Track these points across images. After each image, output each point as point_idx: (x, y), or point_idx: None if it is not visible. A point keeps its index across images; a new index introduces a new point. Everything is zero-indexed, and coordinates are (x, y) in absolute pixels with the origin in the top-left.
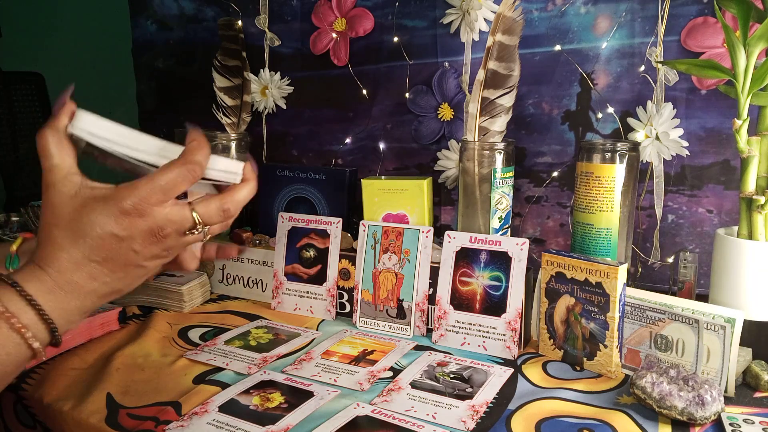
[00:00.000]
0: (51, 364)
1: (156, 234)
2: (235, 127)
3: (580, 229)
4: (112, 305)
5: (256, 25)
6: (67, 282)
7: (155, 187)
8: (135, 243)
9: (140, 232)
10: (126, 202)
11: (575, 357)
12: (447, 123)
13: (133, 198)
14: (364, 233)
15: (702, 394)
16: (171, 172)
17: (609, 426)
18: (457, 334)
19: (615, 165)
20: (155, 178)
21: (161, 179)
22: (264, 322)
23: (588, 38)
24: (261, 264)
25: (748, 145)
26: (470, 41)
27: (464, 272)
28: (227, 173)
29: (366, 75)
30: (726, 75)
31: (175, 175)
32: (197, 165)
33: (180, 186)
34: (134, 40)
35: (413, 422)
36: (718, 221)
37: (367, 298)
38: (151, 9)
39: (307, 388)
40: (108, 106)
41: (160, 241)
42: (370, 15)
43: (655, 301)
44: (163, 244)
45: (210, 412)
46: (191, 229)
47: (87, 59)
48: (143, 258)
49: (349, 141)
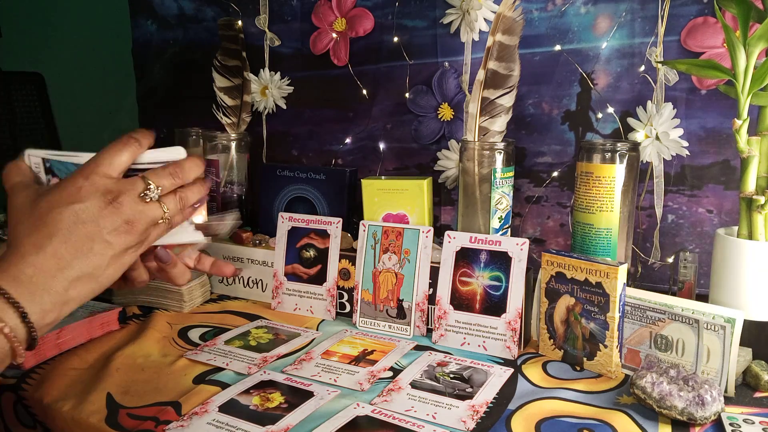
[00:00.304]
0: (51, 364)
1: (111, 202)
2: (235, 127)
3: (580, 229)
4: (111, 305)
5: (256, 25)
6: (30, 265)
7: (100, 158)
8: (92, 213)
9: (94, 201)
10: (75, 175)
11: (575, 357)
12: (447, 123)
13: (82, 170)
14: (364, 233)
15: (702, 394)
16: (112, 146)
17: (609, 426)
18: (457, 334)
19: (615, 165)
20: (98, 153)
21: (104, 152)
22: (264, 322)
23: (588, 38)
24: (261, 264)
25: (748, 145)
26: (470, 41)
27: (464, 272)
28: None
29: (366, 75)
30: (726, 75)
31: (116, 147)
32: (134, 139)
33: (123, 157)
34: (134, 40)
35: (413, 422)
36: (718, 221)
37: (367, 298)
38: (151, 9)
39: (307, 388)
40: (108, 106)
41: (117, 210)
42: (370, 15)
43: (655, 301)
44: (121, 212)
45: (210, 412)
46: (145, 191)
47: (87, 59)
48: (105, 230)
49: (349, 141)
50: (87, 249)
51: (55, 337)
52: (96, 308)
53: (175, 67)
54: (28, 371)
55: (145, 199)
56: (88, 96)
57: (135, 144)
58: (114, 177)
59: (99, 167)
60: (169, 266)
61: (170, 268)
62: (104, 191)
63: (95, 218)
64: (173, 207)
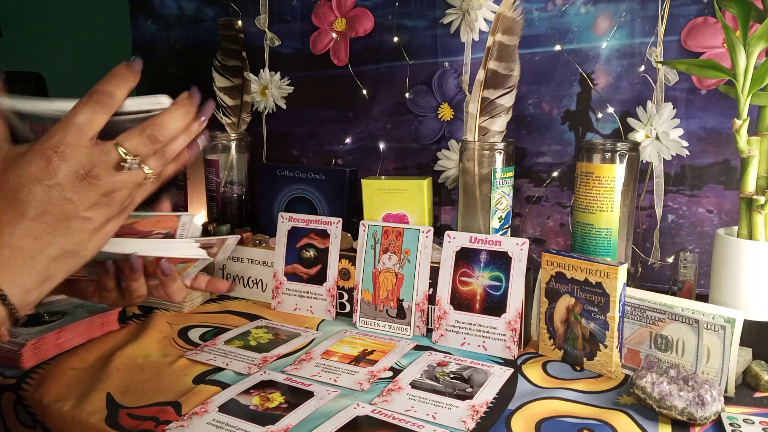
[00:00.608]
0: (51, 364)
1: (84, 177)
2: (235, 127)
3: (580, 229)
4: (112, 306)
5: (256, 25)
6: (6, 246)
7: (68, 126)
8: (65, 190)
9: (66, 177)
10: (44, 147)
11: (575, 357)
12: (447, 123)
13: (50, 141)
14: (364, 233)
15: (702, 394)
16: (80, 108)
17: (609, 426)
18: (457, 334)
19: (615, 165)
20: (66, 117)
21: (72, 117)
22: (264, 322)
23: (588, 38)
24: (261, 264)
25: (748, 145)
26: (470, 41)
27: (464, 272)
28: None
29: (366, 75)
30: (726, 75)
31: (85, 110)
32: (104, 94)
33: (94, 120)
34: (134, 40)
35: (413, 422)
36: (718, 221)
37: (367, 298)
38: (151, 9)
39: (307, 388)
40: None
41: (92, 184)
42: (370, 15)
43: (655, 301)
44: (97, 186)
45: (210, 412)
46: (121, 163)
47: (87, 59)
48: (82, 207)
49: (349, 141)
50: (64, 227)
51: (55, 337)
52: (96, 308)
53: (175, 67)
54: (28, 371)
55: (122, 170)
56: None
57: (106, 100)
58: (85, 146)
59: (67, 136)
60: (169, 280)
61: (170, 282)
62: (76, 165)
63: (69, 195)
64: (156, 165)
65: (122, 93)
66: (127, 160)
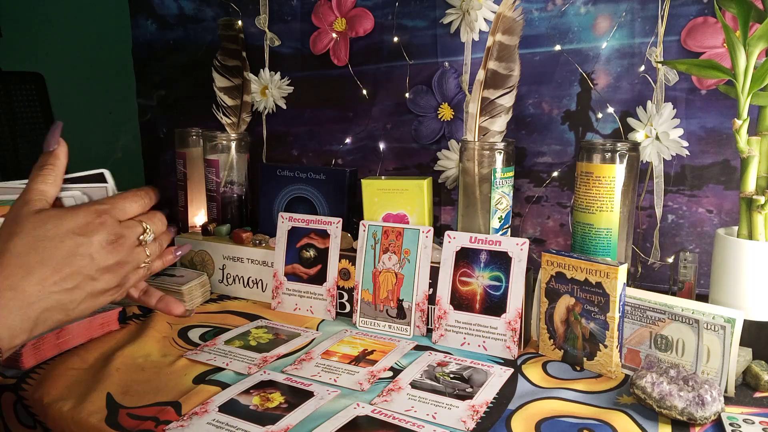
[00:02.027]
0: (51, 364)
1: (113, 242)
2: (235, 127)
3: (580, 229)
4: (111, 305)
5: (256, 25)
6: (11, 288)
7: (115, 201)
8: (92, 246)
9: (98, 239)
10: (88, 211)
11: (575, 357)
12: (447, 123)
13: (95, 208)
14: (364, 233)
15: (702, 394)
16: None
17: (609, 426)
18: (457, 334)
19: (615, 165)
20: (115, 196)
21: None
22: (264, 322)
23: (588, 38)
24: (261, 264)
25: (748, 145)
26: (470, 41)
27: (464, 272)
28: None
29: (366, 75)
30: (726, 75)
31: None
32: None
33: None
34: (134, 40)
35: (413, 422)
36: (718, 221)
37: (367, 298)
38: (151, 9)
39: (307, 388)
40: (108, 106)
41: (115, 250)
42: (370, 15)
43: (655, 301)
44: (117, 253)
45: (210, 412)
46: (143, 234)
47: (87, 59)
48: (96, 267)
49: (349, 141)
50: (71, 282)
51: (55, 337)
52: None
53: (175, 67)
54: (28, 371)
55: (141, 243)
56: (88, 96)
57: (147, 199)
58: (121, 221)
59: (113, 210)
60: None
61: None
62: (111, 231)
63: (93, 254)
64: (153, 251)
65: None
66: (147, 232)
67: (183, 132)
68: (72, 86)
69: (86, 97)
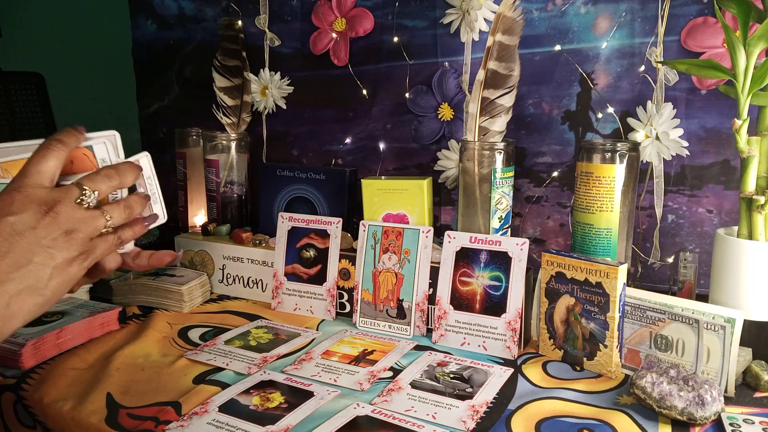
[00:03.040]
0: (51, 364)
1: (47, 212)
2: (235, 127)
3: (580, 229)
4: (111, 305)
5: (256, 25)
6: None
7: (26, 169)
8: (26, 220)
9: (29, 213)
10: (8, 190)
11: (575, 357)
12: (447, 123)
13: (13, 184)
14: (364, 233)
15: (702, 394)
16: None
17: (609, 426)
18: (457, 334)
19: (615, 165)
20: (25, 163)
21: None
22: (264, 322)
23: (588, 38)
24: (261, 264)
25: (748, 145)
26: (470, 41)
27: (464, 272)
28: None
29: (366, 75)
30: (726, 75)
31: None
32: (56, 140)
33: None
34: (134, 40)
35: (413, 422)
36: (718, 221)
37: (367, 298)
38: (151, 9)
39: (307, 388)
40: (108, 106)
41: (54, 220)
42: (370, 15)
43: (655, 301)
44: (58, 222)
45: (210, 412)
46: (81, 197)
47: (87, 59)
48: (45, 241)
49: (349, 141)
50: (26, 260)
51: (55, 337)
52: (96, 308)
53: (175, 67)
54: (28, 371)
55: (82, 206)
56: (88, 96)
57: (58, 147)
58: (46, 186)
59: (28, 178)
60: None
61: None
62: (39, 202)
63: (32, 229)
64: (117, 216)
65: (73, 142)
66: (86, 193)
67: (183, 132)
68: (72, 86)
69: (86, 97)
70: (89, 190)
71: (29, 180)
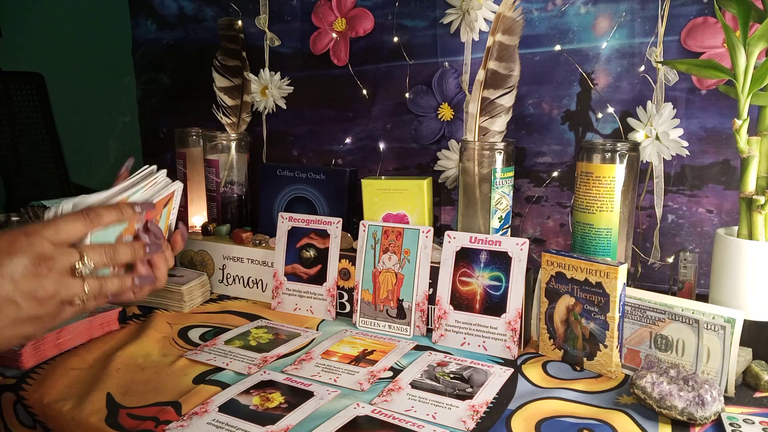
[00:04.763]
0: (51, 364)
1: (38, 265)
2: (235, 127)
3: (580, 229)
4: (112, 305)
5: (256, 25)
6: None
7: (49, 221)
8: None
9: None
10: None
11: (575, 357)
12: (447, 123)
13: (28, 227)
14: (364, 233)
15: (702, 394)
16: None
17: (609, 426)
18: (457, 334)
19: (615, 165)
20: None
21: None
22: (264, 322)
23: (588, 38)
24: (261, 264)
25: (748, 145)
26: (470, 41)
27: (464, 272)
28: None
29: (366, 75)
30: (726, 75)
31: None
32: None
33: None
34: (134, 40)
35: (413, 422)
36: (718, 221)
37: (367, 298)
38: (151, 9)
39: (307, 388)
40: (108, 106)
41: (41, 276)
42: (370, 15)
43: (655, 301)
44: (43, 280)
45: (210, 412)
46: (77, 263)
47: (87, 59)
48: (19, 293)
49: (349, 141)
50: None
51: (55, 337)
52: (96, 308)
53: (175, 67)
54: (28, 371)
55: (73, 273)
56: (88, 96)
57: (87, 220)
58: (54, 243)
59: (44, 229)
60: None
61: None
62: (38, 253)
63: (16, 277)
64: (93, 289)
65: (100, 224)
66: (84, 262)
67: (183, 132)
68: (72, 86)
69: (86, 97)
70: (87, 260)
71: (46, 231)
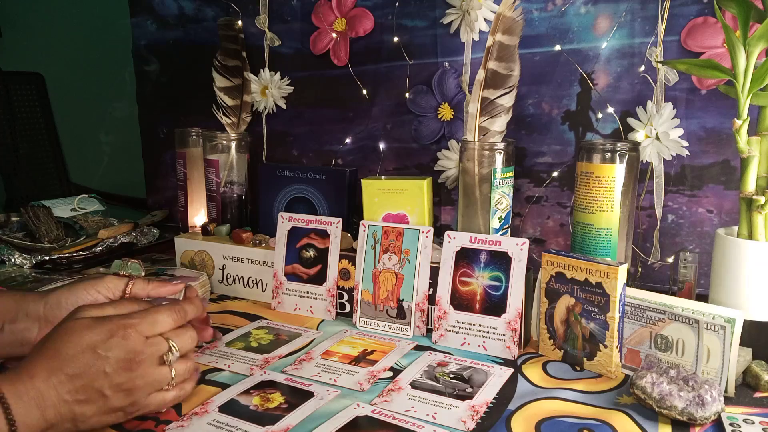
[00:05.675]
0: None
1: (132, 359)
2: (235, 127)
3: (580, 229)
4: None
5: (256, 25)
6: (34, 388)
7: (145, 315)
8: (108, 363)
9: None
10: (115, 324)
11: (575, 357)
12: (447, 123)
13: (122, 321)
14: (364, 233)
15: (702, 394)
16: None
17: (609, 426)
18: (457, 334)
19: (615, 165)
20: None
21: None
22: (264, 322)
23: (588, 38)
24: (261, 264)
25: (748, 145)
26: (470, 41)
27: (464, 272)
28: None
29: (366, 75)
30: (726, 75)
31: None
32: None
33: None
34: (134, 40)
35: (413, 422)
36: (718, 221)
37: (367, 298)
38: (151, 9)
39: (307, 389)
40: (108, 106)
41: (132, 371)
42: (370, 15)
43: (655, 301)
44: (133, 374)
45: (210, 412)
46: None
47: (87, 59)
48: (110, 384)
49: (349, 141)
50: (83, 396)
51: None
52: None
53: (175, 67)
54: None
55: (162, 361)
56: (88, 96)
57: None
58: (146, 336)
59: (140, 325)
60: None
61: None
62: (131, 350)
63: (108, 372)
64: (181, 371)
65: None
66: (173, 350)
67: (183, 132)
68: (72, 86)
69: (86, 97)
70: (176, 348)
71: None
